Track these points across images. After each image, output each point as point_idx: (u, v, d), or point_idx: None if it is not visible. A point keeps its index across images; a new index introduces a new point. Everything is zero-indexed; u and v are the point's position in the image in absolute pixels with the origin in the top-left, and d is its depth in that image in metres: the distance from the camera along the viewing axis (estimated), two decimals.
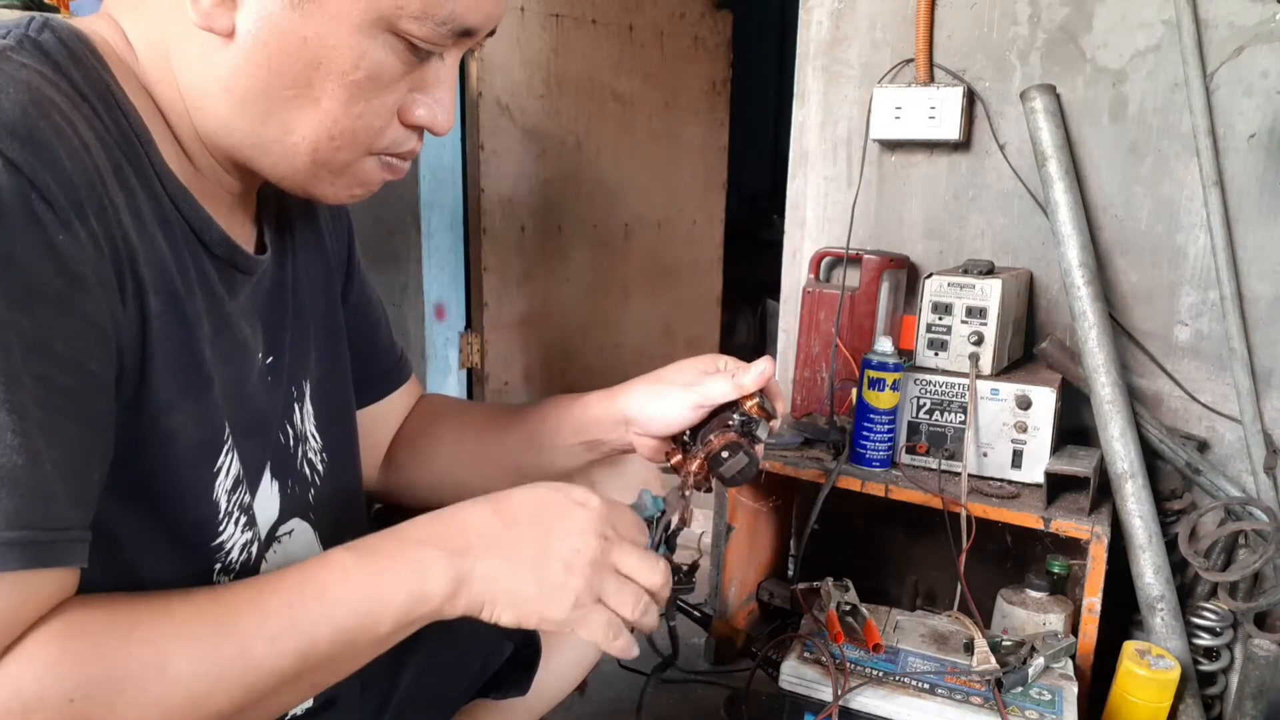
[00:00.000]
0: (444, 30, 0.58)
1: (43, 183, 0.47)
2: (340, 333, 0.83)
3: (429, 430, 0.95)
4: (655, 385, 0.86)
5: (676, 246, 3.22)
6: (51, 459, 0.48)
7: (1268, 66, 1.42)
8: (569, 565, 0.63)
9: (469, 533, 0.63)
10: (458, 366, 2.70)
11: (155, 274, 0.56)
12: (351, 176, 0.64)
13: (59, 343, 0.48)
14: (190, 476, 0.61)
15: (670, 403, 0.83)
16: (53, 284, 0.48)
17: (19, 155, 0.47)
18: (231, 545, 0.65)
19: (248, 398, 0.67)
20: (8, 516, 0.46)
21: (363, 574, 0.59)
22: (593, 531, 0.64)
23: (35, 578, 0.48)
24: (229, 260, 0.64)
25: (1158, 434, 1.47)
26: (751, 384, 0.82)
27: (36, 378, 0.47)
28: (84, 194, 0.50)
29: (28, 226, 0.47)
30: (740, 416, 0.81)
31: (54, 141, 0.49)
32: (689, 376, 0.85)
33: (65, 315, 0.49)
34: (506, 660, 0.96)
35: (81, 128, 0.52)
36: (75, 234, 0.49)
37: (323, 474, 0.78)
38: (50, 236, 0.48)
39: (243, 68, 0.56)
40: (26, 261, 0.47)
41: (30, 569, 0.47)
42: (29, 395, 0.47)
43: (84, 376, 0.50)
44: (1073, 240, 1.46)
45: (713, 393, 0.82)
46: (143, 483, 0.57)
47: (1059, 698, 1.13)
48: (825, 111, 1.80)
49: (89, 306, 0.50)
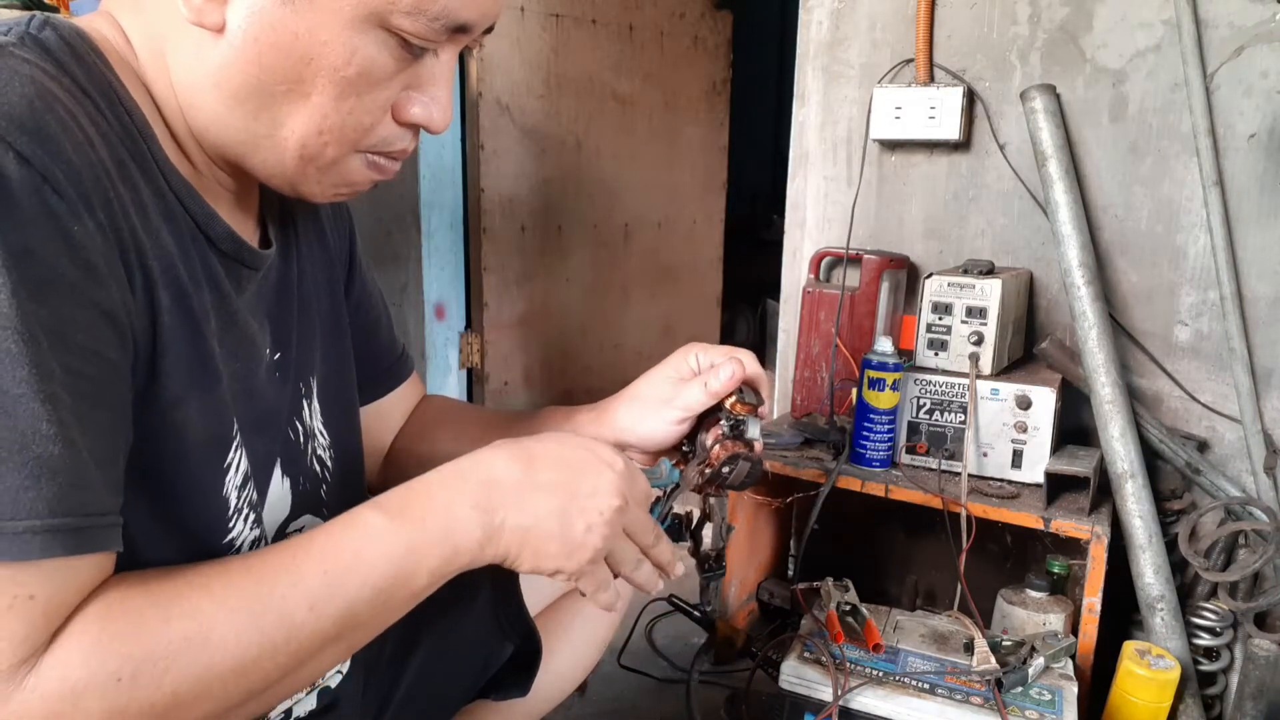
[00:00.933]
0: (437, 26, 0.58)
1: (53, 175, 0.48)
2: (344, 329, 0.83)
3: (428, 433, 0.95)
4: (634, 405, 0.84)
5: (676, 246, 3.22)
6: (87, 447, 0.49)
7: (1268, 66, 1.42)
8: (590, 525, 0.64)
9: (499, 488, 0.63)
10: (457, 366, 2.70)
11: (163, 268, 0.56)
12: (338, 175, 0.63)
13: (80, 333, 0.49)
14: (200, 472, 0.61)
15: (655, 423, 0.83)
16: (69, 275, 0.48)
17: (28, 148, 0.47)
18: (241, 542, 0.65)
19: (256, 394, 0.67)
20: (50, 504, 0.47)
21: (396, 536, 0.59)
22: (616, 493, 0.66)
23: (77, 563, 0.49)
24: (235, 256, 0.64)
25: (1158, 434, 1.47)
26: (723, 387, 0.81)
27: (65, 368, 0.48)
28: (91, 187, 0.50)
29: (43, 219, 0.47)
30: (727, 420, 0.80)
31: (61, 135, 0.49)
32: (664, 390, 0.84)
33: (83, 306, 0.49)
34: (506, 660, 0.96)
35: (84, 123, 0.52)
36: (86, 225, 0.49)
37: (332, 470, 0.79)
38: (65, 228, 0.48)
39: (234, 63, 0.56)
40: (43, 253, 0.47)
41: (73, 555, 0.48)
42: (60, 385, 0.48)
43: (105, 366, 0.51)
44: (1073, 240, 1.46)
45: (690, 403, 0.82)
46: (152, 476, 0.57)
47: (1059, 698, 1.13)
48: (825, 111, 1.80)
49: (103, 297, 0.50)
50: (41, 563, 0.47)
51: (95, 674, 0.48)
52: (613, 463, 0.67)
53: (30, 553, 0.46)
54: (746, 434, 0.81)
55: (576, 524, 0.64)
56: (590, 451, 0.67)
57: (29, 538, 0.46)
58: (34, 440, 0.46)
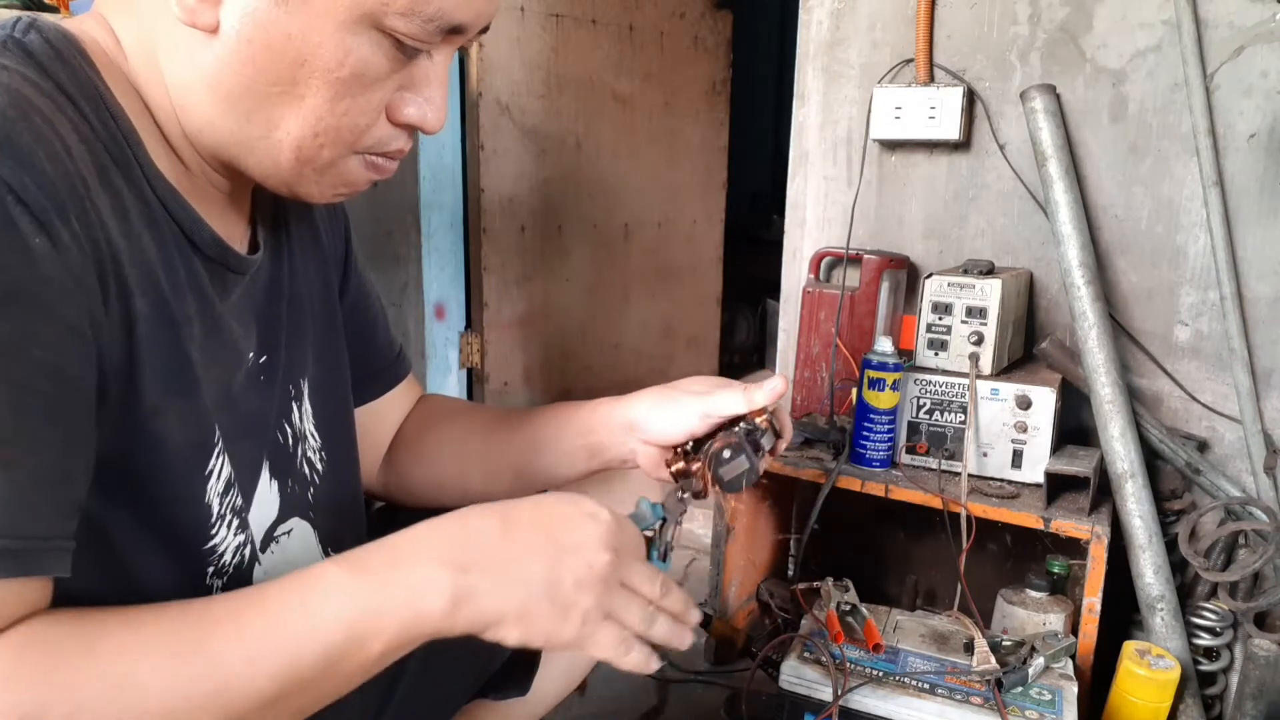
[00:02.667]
0: (431, 27, 0.57)
1: (20, 185, 0.47)
2: (338, 330, 0.83)
3: (430, 431, 0.95)
4: (665, 393, 0.85)
5: (676, 246, 3.22)
6: (28, 467, 0.47)
7: (1268, 66, 1.42)
8: (580, 582, 0.60)
9: (472, 546, 0.58)
10: (457, 366, 2.70)
11: (141, 276, 0.55)
12: (335, 176, 0.63)
13: (37, 348, 0.48)
14: (181, 480, 0.60)
15: (678, 410, 0.82)
16: (28, 288, 0.47)
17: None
18: (224, 548, 0.65)
19: (235, 399, 0.66)
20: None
21: (353, 590, 0.55)
22: (604, 546, 0.61)
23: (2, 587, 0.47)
24: (220, 260, 0.64)
25: (1158, 434, 1.47)
26: (764, 399, 0.80)
27: (12, 384, 0.47)
28: (65, 196, 0.49)
29: (4, 231, 0.46)
30: (747, 426, 0.80)
31: (33, 145, 0.48)
32: (701, 387, 0.84)
33: (43, 320, 0.48)
34: (506, 660, 0.96)
35: (64, 130, 0.51)
36: (55, 236, 0.48)
37: (322, 473, 0.78)
38: (26, 240, 0.47)
39: (227, 64, 0.56)
40: (5, 265, 0.46)
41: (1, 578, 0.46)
42: (5, 402, 0.46)
43: (64, 382, 0.49)
44: (1073, 240, 1.46)
45: (723, 405, 0.81)
46: (133, 485, 0.57)
47: (1059, 698, 1.13)
48: (825, 111, 1.80)
49: (67, 310, 0.49)
50: None
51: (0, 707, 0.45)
52: (596, 514, 0.63)
53: None
54: (759, 442, 0.80)
55: (565, 581, 0.59)
56: (572, 505, 0.63)
57: None
58: None
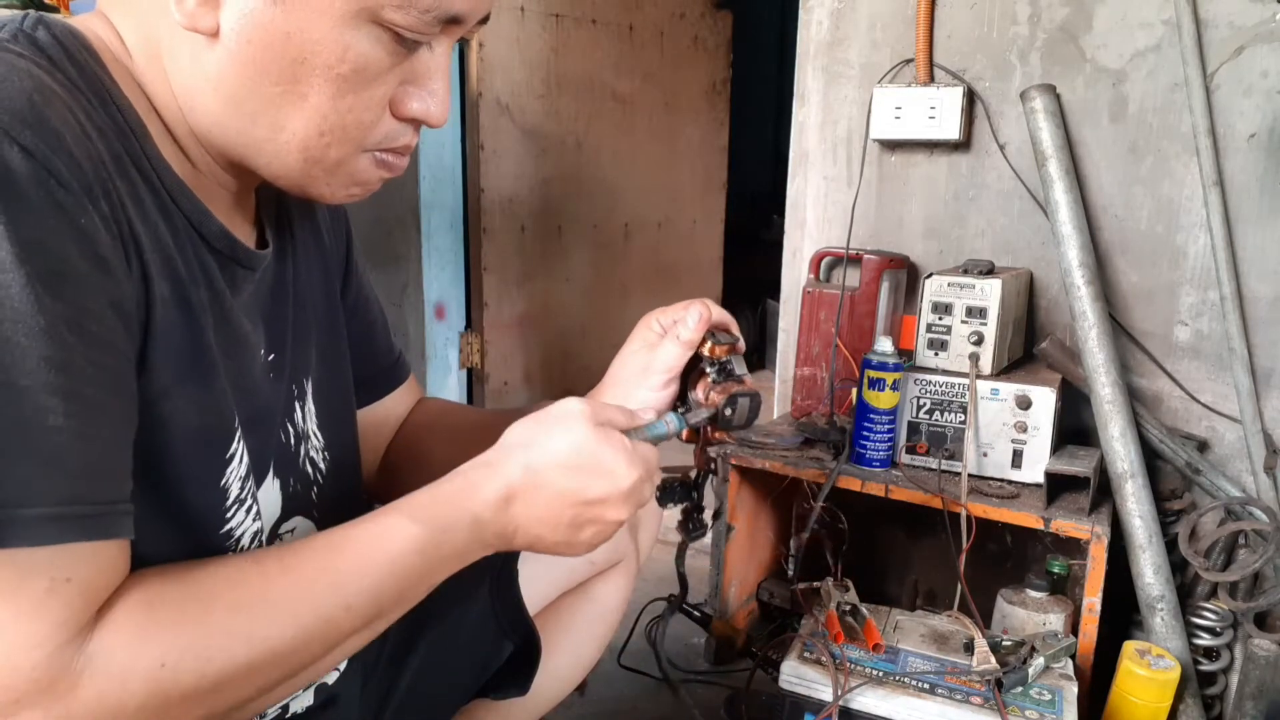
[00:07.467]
0: (429, 18, 0.57)
1: (56, 168, 0.48)
2: (340, 332, 0.83)
3: (425, 434, 0.95)
4: (617, 388, 0.83)
5: (676, 247, 3.23)
6: (100, 436, 0.50)
7: (1268, 66, 1.42)
8: (596, 533, 0.67)
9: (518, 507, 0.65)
10: (458, 366, 2.70)
11: (160, 260, 0.56)
12: (346, 175, 0.63)
13: (93, 324, 0.50)
14: (193, 463, 0.61)
15: (640, 396, 0.81)
16: (80, 266, 0.49)
17: (31, 141, 0.47)
18: (241, 533, 0.65)
19: (252, 391, 0.67)
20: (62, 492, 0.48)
21: (426, 544, 0.62)
22: (625, 510, 0.67)
23: (101, 549, 0.50)
24: (229, 254, 0.64)
25: (1158, 434, 1.47)
26: (693, 333, 0.79)
27: (83, 359, 0.49)
28: (93, 179, 0.50)
29: (51, 211, 0.48)
30: (711, 366, 0.79)
31: (61, 128, 0.49)
32: (638, 361, 0.82)
33: (94, 297, 0.50)
34: (506, 660, 0.95)
35: (81, 117, 0.52)
36: (91, 217, 0.50)
37: (325, 472, 0.78)
38: (73, 219, 0.49)
39: (229, 67, 0.56)
40: (54, 246, 0.48)
41: (93, 540, 0.50)
42: (78, 376, 0.48)
43: (118, 355, 0.52)
44: (1073, 240, 1.46)
45: (668, 362, 0.80)
46: (142, 464, 0.57)
47: (1059, 698, 1.13)
48: (825, 111, 1.80)
49: (111, 287, 0.51)
50: (73, 547, 0.48)
51: (141, 658, 0.50)
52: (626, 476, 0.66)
53: (46, 538, 0.47)
54: (735, 372, 0.79)
55: (583, 532, 0.67)
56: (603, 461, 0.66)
57: (44, 524, 0.47)
58: (45, 431, 0.47)
